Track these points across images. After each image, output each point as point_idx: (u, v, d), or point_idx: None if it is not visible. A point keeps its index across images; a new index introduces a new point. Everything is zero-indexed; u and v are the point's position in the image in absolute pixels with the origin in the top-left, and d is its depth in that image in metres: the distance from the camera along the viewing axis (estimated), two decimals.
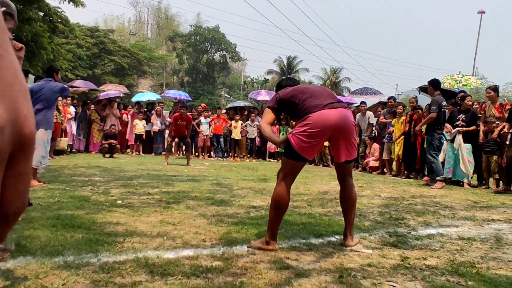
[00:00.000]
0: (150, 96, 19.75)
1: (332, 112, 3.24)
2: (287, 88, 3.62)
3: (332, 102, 3.32)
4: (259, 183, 7.68)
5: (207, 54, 54.34)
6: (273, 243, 3.35)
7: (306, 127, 3.23)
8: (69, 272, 2.63)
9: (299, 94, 3.43)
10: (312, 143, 3.26)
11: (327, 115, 3.22)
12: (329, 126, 3.22)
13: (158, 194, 5.91)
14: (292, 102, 3.44)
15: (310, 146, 3.27)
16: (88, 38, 31.71)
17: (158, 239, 3.52)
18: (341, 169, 3.55)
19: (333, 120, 3.22)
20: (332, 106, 3.27)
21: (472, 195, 7.33)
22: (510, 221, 4.95)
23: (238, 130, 14.95)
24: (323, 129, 3.22)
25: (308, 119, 3.23)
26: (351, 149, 3.40)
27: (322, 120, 3.21)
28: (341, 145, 3.36)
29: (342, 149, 3.37)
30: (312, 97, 3.35)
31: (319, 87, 3.60)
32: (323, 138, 3.32)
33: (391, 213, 5.12)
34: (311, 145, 3.26)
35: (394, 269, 2.95)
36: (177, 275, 2.67)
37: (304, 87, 3.54)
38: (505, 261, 3.28)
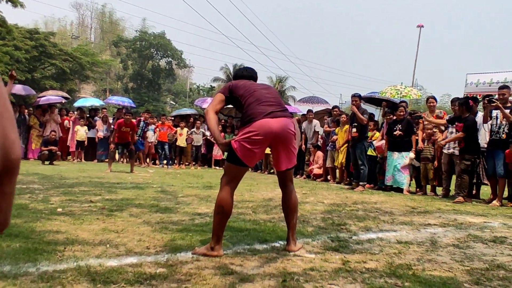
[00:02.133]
0: (93, 102, 19.24)
1: (273, 121, 3.36)
2: (240, 81, 3.73)
3: (276, 110, 3.43)
4: (204, 191, 7.67)
5: (152, 60, 53.64)
6: (218, 248, 3.38)
7: (249, 133, 3.34)
8: (6, 282, 2.54)
9: (247, 95, 3.52)
10: (254, 150, 3.38)
11: (268, 123, 3.34)
12: (270, 134, 3.35)
13: (101, 202, 5.78)
14: (239, 101, 3.55)
15: (252, 153, 3.39)
16: (27, 40, 30.38)
17: (101, 247, 3.45)
18: (282, 176, 3.67)
19: (274, 129, 3.35)
20: (274, 115, 3.39)
21: (411, 201, 7.64)
22: (445, 226, 5.21)
23: (183, 137, 14.83)
24: (264, 137, 3.35)
25: (251, 126, 3.34)
26: (290, 157, 3.54)
27: (264, 128, 3.33)
28: (281, 154, 3.51)
29: (282, 157, 3.52)
30: (258, 103, 3.44)
31: (267, 90, 3.64)
32: (264, 145, 3.46)
33: (334, 219, 5.25)
34: (252, 152, 3.39)
35: (335, 273, 3.03)
36: (120, 282, 2.63)
37: (254, 89, 3.59)
38: (439, 262, 3.45)
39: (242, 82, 3.71)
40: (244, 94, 3.54)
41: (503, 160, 7.64)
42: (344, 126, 11.16)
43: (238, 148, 3.36)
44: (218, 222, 3.43)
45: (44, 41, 32.13)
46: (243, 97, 3.53)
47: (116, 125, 11.93)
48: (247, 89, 3.58)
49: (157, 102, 51.10)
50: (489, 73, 20.26)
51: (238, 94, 3.56)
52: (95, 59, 38.01)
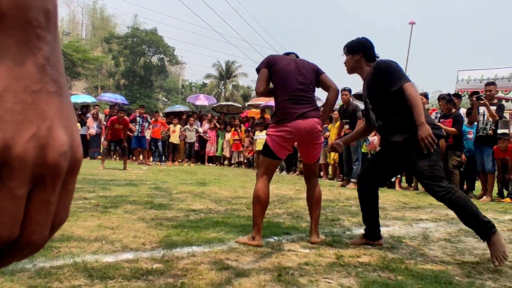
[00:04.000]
0: (85, 99, 19.15)
1: (304, 123, 3.67)
2: (280, 60, 3.86)
3: (306, 111, 3.70)
4: (198, 187, 7.70)
5: (144, 56, 53.44)
6: (258, 238, 3.63)
7: (282, 132, 3.70)
8: (3, 278, 2.55)
9: (280, 87, 3.77)
10: (286, 146, 3.78)
11: (299, 125, 3.67)
12: (300, 135, 3.71)
13: (95, 199, 5.79)
14: (273, 85, 3.84)
15: (283, 148, 3.77)
16: None
17: (97, 244, 3.47)
18: (308, 168, 4.01)
19: (304, 130, 3.68)
20: (305, 116, 3.68)
21: (403, 196, 7.72)
22: (436, 220, 5.28)
23: (176, 134, 14.85)
24: (295, 137, 3.75)
25: (284, 126, 3.68)
26: (315, 153, 3.90)
27: (295, 129, 3.67)
28: (307, 149, 3.87)
29: (307, 153, 3.89)
30: (290, 101, 3.71)
31: (302, 78, 3.78)
32: (294, 142, 3.87)
33: (327, 215, 5.31)
34: (284, 147, 3.77)
35: (329, 267, 3.08)
36: (117, 278, 2.66)
37: (287, 78, 3.76)
38: (431, 256, 3.51)
39: (283, 62, 3.83)
40: (278, 85, 3.79)
41: (492, 156, 7.74)
42: (336, 123, 11.23)
43: (271, 143, 3.73)
44: (257, 212, 3.69)
45: None
46: (276, 87, 3.80)
47: (109, 122, 11.89)
48: (282, 79, 3.77)
49: (149, 99, 50.93)
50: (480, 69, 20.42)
51: (273, 79, 3.82)
52: (87, 55, 37.92)
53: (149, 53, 54.08)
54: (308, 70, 3.87)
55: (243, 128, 15.42)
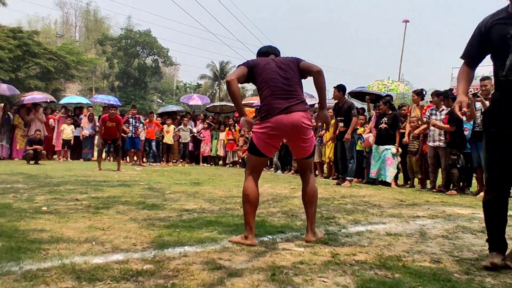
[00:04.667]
0: (79, 100, 18.98)
1: (287, 117, 3.54)
2: (260, 61, 3.80)
3: (290, 105, 3.57)
4: (192, 187, 7.61)
5: (138, 58, 53.25)
6: (251, 237, 3.56)
7: (266, 129, 3.59)
8: None
9: (264, 85, 3.68)
10: (271, 143, 3.69)
11: (282, 120, 3.54)
12: (284, 129, 3.59)
13: (87, 200, 5.70)
14: (257, 86, 3.77)
15: (269, 145, 3.68)
16: (10, 39, 29.90)
17: (86, 245, 3.38)
18: (301, 164, 3.94)
19: (288, 125, 3.55)
20: (289, 110, 3.55)
21: (399, 194, 7.67)
22: (433, 217, 5.22)
23: (170, 134, 14.76)
24: (279, 133, 3.62)
25: (267, 122, 3.57)
26: (305, 148, 3.73)
27: (278, 124, 3.55)
28: (295, 144, 3.77)
29: (296, 148, 3.79)
30: (273, 96, 3.60)
31: (284, 74, 3.69)
32: (280, 138, 3.80)
33: (322, 213, 5.23)
34: (270, 144, 3.68)
35: (325, 266, 3.00)
36: (106, 279, 2.57)
37: (271, 76, 3.67)
38: (429, 253, 3.44)
39: (262, 63, 3.77)
40: (261, 83, 3.70)
41: None
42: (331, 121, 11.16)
43: (256, 141, 3.65)
44: (247, 211, 3.65)
45: (28, 40, 31.63)
46: (260, 86, 3.71)
47: (101, 121, 11.69)
48: (264, 76, 3.69)
49: (143, 101, 50.76)
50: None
51: (256, 79, 3.74)
52: (80, 57, 37.63)
53: (143, 55, 53.90)
54: (288, 64, 3.77)
55: (237, 127, 15.33)
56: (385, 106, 9.54)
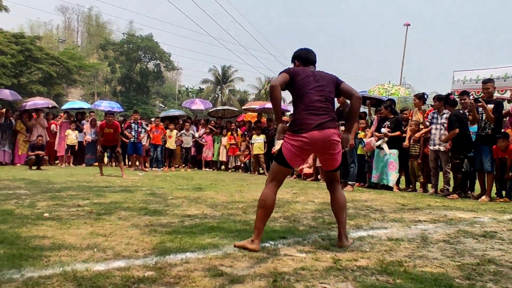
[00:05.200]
0: (81, 105, 19.00)
1: (320, 134, 3.70)
2: (301, 72, 3.88)
3: (323, 121, 3.72)
4: (194, 192, 7.61)
5: (140, 63, 53.37)
6: (257, 242, 3.63)
7: (298, 142, 3.71)
8: None
9: (299, 97, 3.81)
10: (301, 155, 3.83)
11: (316, 136, 3.69)
12: (316, 145, 3.73)
13: (89, 206, 5.71)
14: (293, 94, 3.87)
15: (298, 157, 3.81)
16: (13, 44, 30.04)
17: (88, 252, 3.39)
18: (328, 177, 4.07)
19: (320, 141, 3.71)
20: (322, 127, 3.71)
21: (401, 198, 7.66)
22: (435, 222, 5.21)
23: (173, 139, 14.75)
24: (311, 148, 3.77)
25: (301, 136, 3.70)
26: (333, 161, 3.88)
27: (312, 140, 3.69)
28: (325, 158, 3.91)
29: (326, 161, 3.93)
30: (308, 111, 3.74)
31: (320, 90, 3.82)
32: (310, 152, 3.98)
33: (324, 218, 5.24)
34: (299, 157, 3.82)
35: (326, 271, 3.00)
36: (108, 287, 2.59)
37: (307, 89, 3.79)
38: (430, 258, 3.44)
39: (302, 74, 3.86)
40: (298, 95, 3.82)
41: (490, 155, 7.68)
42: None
43: (286, 151, 3.76)
44: (260, 216, 3.71)
45: (30, 45, 31.76)
46: (296, 97, 3.84)
47: (99, 128, 11.80)
48: (301, 89, 3.81)
49: (146, 105, 50.82)
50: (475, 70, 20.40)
51: (293, 89, 3.85)
52: (82, 62, 37.78)
53: (145, 59, 54.01)
54: (327, 82, 3.91)
55: (239, 132, 15.33)
56: (386, 111, 9.55)
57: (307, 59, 4.10)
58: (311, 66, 4.07)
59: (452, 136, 8.04)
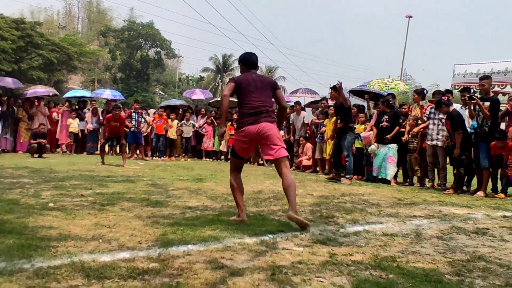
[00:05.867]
0: (83, 94, 19.04)
1: (254, 127, 4.55)
2: (244, 80, 4.71)
3: (259, 118, 4.57)
4: (194, 183, 7.73)
5: (141, 50, 53.24)
6: (242, 215, 4.58)
7: (240, 137, 4.67)
8: (2, 279, 2.60)
9: (242, 102, 4.69)
10: (245, 147, 4.75)
11: (250, 130, 4.56)
12: (252, 137, 4.60)
13: (92, 196, 5.84)
14: (237, 97, 4.75)
15: (244, 149, 4.78)
16: (13, 30, 29.90)
17: (94, 242, 3.52)
18: (276, 164, 4.65)
19: (255, 133, 4.56)
20: (257, 122, 4.55)
21: (398, 192, 7.79)
22: (430, 217, 5.35)
23: (173, 129, 14.84)
24: (249, 139, 4.63)
25: (241, 131, 4.64)
26: (271, 150, 4.58)
27: (249, 133, 4.58)
28: (263, 148, 4.72)
29: (265, 151, 4.71)
30: (248, 112, 4.60)
31: (260, 93, 4.68)
32: (251, 143, 4.76)
33: (322, 211, 5.37)
34: (245, 148, 4.77)
35: (322, 266, 3.13)
36: (114, 278, 2.71)
37: (249, 97, 4.65)
38: (423, 254, 3.57)
39: (244, 82, 4.69)
40: (241, 100, 4.70)
41: (487, 152, 7.79)
42: (332, 118, 11.27)
43: (235, 146, 4.79)
44: (236, 196, 4.74)
45: (30, 31, 31.62)
46: (240, 101, 4.73)
47: (105, 120, 11.99)
48: (245, 95, 4.67)
49: (146, 93, 50.78)
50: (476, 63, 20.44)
51: (238, 95, 4.73)
52: (83, 49, 37.64)
53: (146, 47, 53.86)
54: (265, 86, 4.77)
55: None
56: (383, 105, 9.65)
57: (249, 62, 4.92)
58: (253, 70, 4.87)
59: (459, 140, 8.06)
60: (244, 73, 4.86)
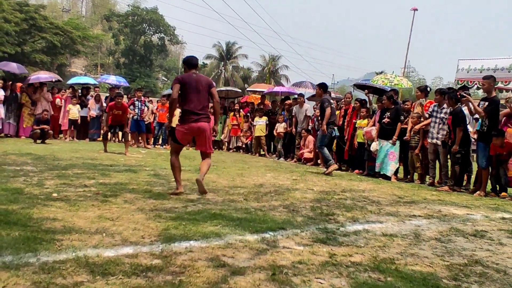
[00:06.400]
0: (87, 80, 19.01)
1: (195, 125, 5.85)
2: (187, 81, 5.86)
3: (198, 118, 5.83)
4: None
5: (144, 35, 53.12)
6: (180, 188, 5.84)
7: (184, 130, 5.89)
8: (9, 273, 2.65)
9: (184, 100, 5.88)
10: (186, 138, 6.06)
11: (192, 126, 5.86)
12: (192, 132, 5.94)
13: (95, 186, 5.89)
14: (180, 94, 5.89)
15: (184, 138, 6.00)
16: (17, 12, 29.87)
17: (97, 236, 3.57)
18: (202, 154, 6.18)
19: (195, 129, 5.90)
20: (197, 121, 5.84)
21: (398, 189, 7.84)
22: (429, 217, 5.39)
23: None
24: (189, 133, 5.95)
25: (184, 125, 5.86)
26: (204, 146, 6.09)
27: (191, 129, 5.89)
28: (198, 141, 6.10)
29: (200, 143, 6.10)
30: (189, 110, 5.83)
31: (198, 94, 5.87)
32: (190, 135, 6.05)
33: (323, 208, 5.41)
34: (185, 138, 6.04)
35: (322, 266, 3.19)
36: (118, 274, 2.76)
37: (191, 96, 5.84)
38: (421, 257, 3.62)
39: (187, 82, 5.84)
40: (184, 97, 5.88)
41: (484, 152, 7.80)
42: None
43: (177, 134, 5.94)
44: (175, 173, 5.94)
45: (34, 14, 31.57)
46: (183, 98, 5.90)
47: (108, 108, 12.05)
48: (187, 93, 5.85)
49: (148, 78, 50.77)
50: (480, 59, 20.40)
51: (182, 94, 5.87)
52: (86, 33, 37.55)
53: (150, 32, 53.76)
54: (204, 86, 5.91)
55: (242, 113, 15.44)
56: (388, 102, 9.66)
57: (191, 64, 6.08)
58: (194, 70, 6.00)
59: (460, 136, 8.10)
60: (187, 73, 5.99)
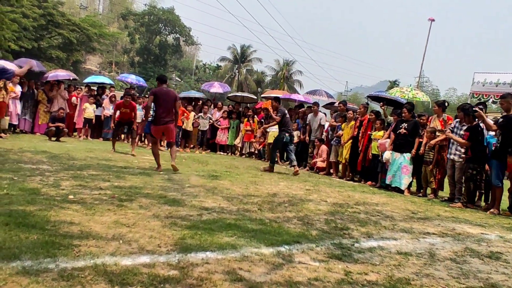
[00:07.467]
0: (103, 80, 19.15)
1: (165, 126, 8.76)
2: (161, 94, 8.72)
3: (166, 121, 8.73)
4: (210, 181, 7.79)
5: (160, 35, 53.38)
6: (159, 168, 8.62)
7: (156, 129, 8.89)
8: (29, 279, 2.68)
9: (157, 107, 8.75)
10: (158, 133, 9.05)
11: (161, 127, 8.79)
12: (163, 129, 8.89)
13: (110, 189, 5.92)
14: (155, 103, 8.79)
15: (157, 134, 9.06)
16: (36, 8, 30.17)
17: (114, 243, 3.60)
18: (168, 143, 9.74)
19: (164, 128, 8.85)
20: (167, 123, 8.74)
21: (411, 204, 7.79)
22: (443, 235, 5.35)
23: (190, 121, 14.91)
24: (161, 130, 8.93)
25: (156, 126, 8.82)
26: (171, 139, 9.21)
27: (162, 127, 8.84)
28: (167, 135, 9.17)
29: (167, 135, 9.21)
30: (160, 115, 8.70)
31: (167, 104, 8.71)
32: (161, 131, 8.95)
33: (337, 222, 5.39)
34: (158, 134, 9.07)
35: (338, 284, 3.18)
36: (136, 285, 2.77)
37: (162, 107, 8.71)
38: (436, 278, 3.60)
39: (159, 94, 8.69)
40: (157, 105, 8.74)
41: (498, 170, 7.71)
42: (350, 122, 11.28)
43: (152, 132, 9.02)
44: (156, 158, 8.74)
45: (52, 10, 31.90)
46: (156, 106, 8.76)
47: (115, 106, 12.18)
48: (159, 104, 8.68)
49: None
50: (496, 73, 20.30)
51: (155, 103, 8.75)
52: (103, 31, 37.82)
53: (165, 32, 54.01)
54: (170, 98, 8.74)
55: (256, 119, 15.44)
56: (408, 113, 9.59)
57: (162, 80, 9.02)
58: (164, 85, 8.93)
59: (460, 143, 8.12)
60: (159, 87, 8.85)
